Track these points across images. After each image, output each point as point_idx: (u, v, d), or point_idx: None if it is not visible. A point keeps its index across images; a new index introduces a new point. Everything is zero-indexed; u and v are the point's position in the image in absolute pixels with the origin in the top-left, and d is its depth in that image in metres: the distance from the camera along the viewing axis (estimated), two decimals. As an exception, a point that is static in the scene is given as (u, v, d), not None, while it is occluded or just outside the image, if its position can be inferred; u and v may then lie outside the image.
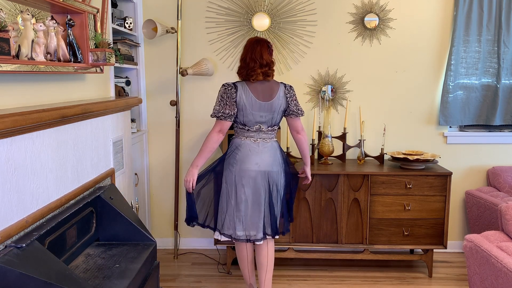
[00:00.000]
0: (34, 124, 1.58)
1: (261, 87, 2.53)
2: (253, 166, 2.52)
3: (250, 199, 2.55)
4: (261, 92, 2.52)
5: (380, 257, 3.25)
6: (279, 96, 2.55)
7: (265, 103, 2.52)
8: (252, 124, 2.54)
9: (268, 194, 2.58)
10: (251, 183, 2.53)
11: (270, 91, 2.54)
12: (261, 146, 2.56)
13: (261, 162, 2.54)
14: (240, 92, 2.50)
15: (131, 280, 1.88)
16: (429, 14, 3.46)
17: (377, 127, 3.57)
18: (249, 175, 2.53)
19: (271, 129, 2.59)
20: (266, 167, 2.55)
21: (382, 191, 3.14)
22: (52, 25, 1.85)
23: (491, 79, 3.47)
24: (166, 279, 3.18)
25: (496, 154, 3.60)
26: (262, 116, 2.53)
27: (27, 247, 1.51)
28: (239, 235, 2.58)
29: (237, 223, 2.57)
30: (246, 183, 2.53)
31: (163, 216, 3.74)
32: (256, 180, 2.53)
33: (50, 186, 1.79)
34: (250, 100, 2.50)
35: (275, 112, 2.56)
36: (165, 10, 3.48)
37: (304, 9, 3.46)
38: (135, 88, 3.51)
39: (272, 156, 2.58)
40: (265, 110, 2.52)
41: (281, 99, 2.56)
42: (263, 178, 2.55)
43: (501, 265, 2.05)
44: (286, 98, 2.57)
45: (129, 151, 2.81)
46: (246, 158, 2.53)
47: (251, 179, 2.53)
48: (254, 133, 2.55)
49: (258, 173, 2.53)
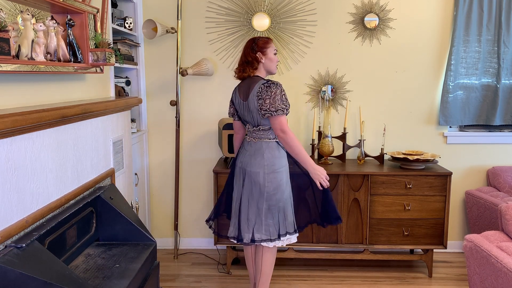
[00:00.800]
0: (34, 124, 1.58)
1: (244, 86, 2.53)
2: (238, 163, 2.57)
3: (234, 198, 2.59)
4: (243, 91, 2.52)
5: (380, 257, 3.25)
6: (253, 95, 2.43)
7: (245, 103, 2.49)
8: (245, 123, 2.60)
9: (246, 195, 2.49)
10: (236, 181, 2.59)
11: (248, 90, 2.47)
12: (247, 145, 2.55)
13: (244, 160, 2.53)
14: (234, 93, 2.61)
15: (131, 280, 1.88)
16: (429, 14, 3.46)
17: (377, 127, 3.57)
18: (236, 172, 2.59)
19: (257, 129, 2.49)
20: (246, 166, 2.49)
21: (382, 191, 3.14)
22: (52, 25, 1.85)
23: (491, 79, 3.47)
24: (166, 279, 3.18)
25: (496, 154, 3.60)
26: (245, 115, 2.54)
27: (27, 247, 1.51)
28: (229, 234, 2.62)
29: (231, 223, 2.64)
30: (236, 181, 2.59)
31: (163, 216, 3.74)
32: (239, 177, 2.56)
33: (50, 186, 1.79)
34: (238, 100, 2.56)
35: (253, 112, 2.46)
36: (165, 10, 3.48)
37: (304, 9, 3.46)
38: (135, 88, 3.51)
39: (254, 157, 2.47)
40: (246, 110, 2.50)
41: (253, 98, 2.42)
42: (244, 178, 2.51)
43: (501, 265, 2.05)
44: (257, 97, 2.41)
45: (129, 151, 2.81)
46: (237, 156, 2.62)
47: (236, 177, 2.58)
48: (248, 132, 2.58)
49: (241, 171, 2.54)
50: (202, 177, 3.67)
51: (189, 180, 3.68)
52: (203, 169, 3.67)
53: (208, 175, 3.65)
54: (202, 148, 3.66)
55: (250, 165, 2.48)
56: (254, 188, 2.47)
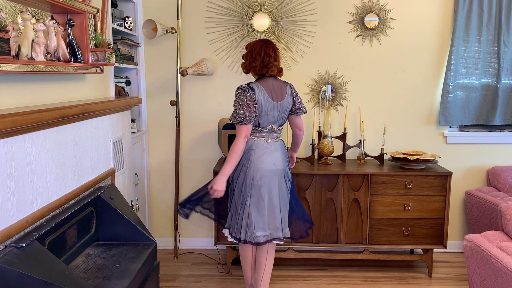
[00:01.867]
0: (34, 124, 1.58)
1: (273, 87, 2.54)
2: (270, 166, 2.52)
3: (267, 199, 2.53)
4: (274, 92, 2.53)
5: (380, 257, 3.25)
6: (288, 95, 2.59)
7: (278, 103, 2.53)
8: (266, 124, 2.53)
9: (286, 193, 2.63)
10: (268, 184, 2.52)
11: (280, 90, 2.56)
12: (273, 145, 2.57)
13: (277, 161, 2.55)
14: (258, 93, 2.47)
15: (131, 280, 1.88)
16: (429, 14, 3.46)
17: (377, 127, 3.57)
18: (266, 175, 2.51)
19: (280, 128, 2.63)
20: (281, 165, 2.58)
21: (382, 191, 3.14)
22: (52, 25, 1.85)
23: (491, 79, 3.47)
24: (166, 279, 3.19)
25: (496, 154, 3.60)
26: (274, 116, 2.55)
27: (27, 247, 1.51)
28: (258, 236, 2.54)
29: (256, 225, 2.53)
30: (264, 184, 2.51)
31: (163, 216, 3.74)
32: (272, 180, 2.53)
33: (50, 186, 1.79)
34: (266, 101, 2.49)
35: (285, 111, 2.60)
36: (165, 10, 3.48)
37: (304, 9, 3.46)
38: (135, 88, 3.51)
39: (284, 155, 2.62)
40: (277, 110, 2.54)
41: (289, 98, 2.59)
42: (280, 177, 2.57)
43: (501, 265, 2.05)
44: (292, 97, 2.62)
45: (129, 151, 2.81)
46: (261, 159, 2.52)
47: (267, 179, 2.52)
48: (266, 133, 2.55)
49: (276, 173, 2.54)
50: (202, 177, 3.67)
51: (189, 180, 3.68)
52: (203, 169, 3.67)
53: (208, 175, 3.65)
54: (202, 148, 3.66)
55: (283, 163, 2.60)
56: (286, 184, 2.62)
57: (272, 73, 2.55)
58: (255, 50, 2.54)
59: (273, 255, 2.70)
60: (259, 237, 2.54)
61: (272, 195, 2.54)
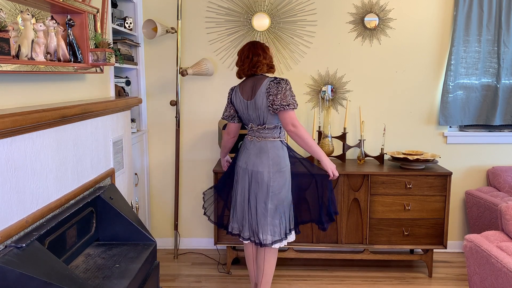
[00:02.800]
0: (34, 124, 1.58)
1: (249, 85, 2.53)
2: (242, 164, 2.56)
3: (238, 196, 2.59)
4: (248, 90, 2.51)
5: (380, 257, 3.25)
6: (261, 92, 2.43)
7: (250, 102, 2.48)
8: (247, 123, 2.58)
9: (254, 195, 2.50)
10: (241, 181, 2.57)
11: (254, 88, 2.48)
12: (251, 144, 2.53)
13: (248, 161, 2.51)
14: (233, 93, 2.59)
15: (131, 280, 1.88)
16: (429, 14, 3.46)
17: (377, 127, 3.57)
18: (238, 172, 2.59)
19: (262, 128, 2.50)
20: (252, 166, 2.49)
21: (382, 191, 3.14)
22: (52, 25, 1.85)
23: (491, 79, 3.47)
24: (166, 279, 3.18)
25: (496, 154, 3.60)
26: (250, 114, 2.51)
27: (27, 247, 1.51)
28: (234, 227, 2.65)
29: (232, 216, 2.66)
30: (238, 179, 2.59)
31: (163, 216, 3.74)
32: (243, 179, 2.55)
33: (50, 186, 1.79)
34: (239, 100, 2.54)
35: (260, 109, 2.45)
36: (165, 10, 3.48)
37: (304, 9, 3.46)
38: (135, 88, 3.51)
39: (259, 156, 2.48)
40: (251, 109, 2.49)
41: (262, 95, 2.43)
42: (251, 179, 2.50)
43: (501, 265, 2.05)
44: (266, 93, 2.42)
45: (129, 151, 2.81)
46: (239, 156, 2.60)
47: (241, 176, 2.57)
48: (251, 131, 2.58)
49: (246, 172, 2.53)
50: (202, 177, 3.67)
51: (189, 180, 3.68)
52: (203, 169, 3.67)
53: (208, 175, 3.65)
54: (202, 148, 3.66)
55: (255, 165, 2.48)
56: (260, 188, 2.48)
57: (261, 71, 2.52)
58: (244, 54, 2.54)
59: (271, 261, 2.61)
60: (234, 228, 2.63)
61: (241, 194, 2.57)
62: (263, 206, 2.48)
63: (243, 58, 2.54)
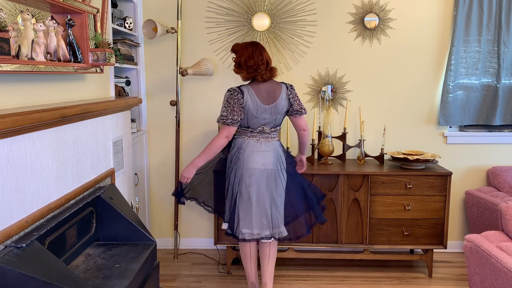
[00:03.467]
0: (34, 124, 1.58)
1: (265, 89, 2.55)
2: (259, 165, 2.56)
3: (254, 198, 2.57)
4: (265, 95, 2.54)
5: (380, 257, 3.25)
6: (282, 97, 2.58)
7: (269, 106, 2.55)
8: (256, 126, 2.58)
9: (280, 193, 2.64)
10: (256, 183, 2.56)
11: (273, 93, 2.57)
12: (264, 145, 2.59)
13: (266, 161, 2.57)
14: (246, 96, 2.52)
15: (131, 280, 1.88)
16: (429, 14, 3.46)
17: (377, 127, 3.57)
18: (254, 174, 2.56)
19: (274, 130, 2.64)
20: (271, 165, 2.59)
21: (382, 191, 3.14)
22: (52, 25, 1.85)
23: (491, 79, 3.47)
24: (166, 279, 3.18)
25: (496, 154, 3.60)
26: (265, 118, 2.57)
27: (27, 247, 1.51)
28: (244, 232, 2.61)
29: (242, 222, 2.60)
30: (252, 183, 2.56)
31: (163, 216, 3.74)
32: (261, 179, 2.57)
33: (50, 186, 1.79)
34: (255, 105, 2.52)
35: (278, 113, 2.60)
36: (165, 10, 3.48)
37: (304, 9, 3.46)
38: (135, 88, 3.51)
39: (275, 155, 2.62)
40: (269, 113, 2.56)
41: (284, 100, 2.59)
42: (269, 177, 2.58)
43: (501, 265, 2.05)
44: (288, 99, 2.61)
45: (129, 151, 2.81)
46: (250, 157, 2.56)
47: (256, 178, 2.56)
48: (257, 133, 2.58)
49: (265, 173, 2.57)
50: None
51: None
52: (203, 169, 3.66)
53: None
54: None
55: (273, 163, 2.61)
56: (276, 185, 2.63)
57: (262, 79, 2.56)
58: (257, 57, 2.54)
59: (276, 245, 2.76)
60: (245, 234, 2.61)
61: (259, 195, 2.57)
62: (280, 200, 2.65)
63: (257, 62, 2.53)
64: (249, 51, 2.56)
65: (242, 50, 2.59)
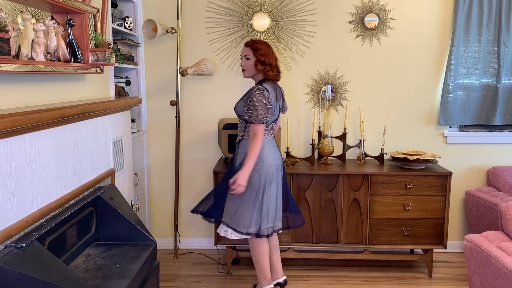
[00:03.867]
0: (34, 124, 1.58)
1: (272, 86, 2.63)
2: (276, 161, 2.65)
3: (277, 192, 2.68)
4: (274, 93, 2.64)
5: (380, 257, 3.25)
6: (282, 95, 2.76)
7: (278, 103, 2.69)
8: (269, 123, 2.66)
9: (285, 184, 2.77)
10: (276, 177, 2.66)
11: (278, 90, 2.70)
12: (273, 141, 2.70)
13: (279, 155, 2.71)
14: (272, 94, 2.60)
15: (131, 280, 1.88)
16: (429, 14, 3.46)
17: (377, 127, 3.57)
18: (275, 170, 2.64)
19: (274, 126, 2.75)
20: (281, 159, 2.73)
21: (382, 191, 3.14)
22: (52, 25, 1.85)
23: (491, 79, 3.47)
24: (166, 279, 3.19)
25: (496, 154, 3.60)
26: (276, 114, 2.69)
27: (27, 247, 1.51)
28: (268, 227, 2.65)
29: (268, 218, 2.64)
30: (274, 178, 2.64)
31: (163, 216, 3.74)
32: (279, 173, 2.68)
33: (50, 186, 1.79)
34: (274, 101, 2.63)
35: (279, 110, 2.75)
36: (165, 10, 3.48)
37: (304, 9, 3.46)
38: (135, 88, 3.51)
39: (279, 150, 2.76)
40: (277, 109, 2.70)
41: (283, 98, 2.78)
42: (279, 170, 2.69)
43: (501, 265, 2.05)
44: (282, 96, 2.77)
45: (129, 151, 2.81)
46: (270, 155, 2.63)
47: (276, 174, 2.65)
48: (268, 130, 2.66)
49: (279, 167, 2.68)
50: (202, 177, 3.67)
51: (189, 180, 3.68)
52: (203, 169, 3.67)
53: (208, 175, 3.65)
54: (202, 148, 3.66)
55: (281, 158, 2.72)
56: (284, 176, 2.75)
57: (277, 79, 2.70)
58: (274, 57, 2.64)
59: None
60: (269, 229, 2.66)
61: (278, 188, 2.69)
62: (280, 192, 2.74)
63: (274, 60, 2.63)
64: (271, 50, 2.64)
65: (265, 48, 2.60)
